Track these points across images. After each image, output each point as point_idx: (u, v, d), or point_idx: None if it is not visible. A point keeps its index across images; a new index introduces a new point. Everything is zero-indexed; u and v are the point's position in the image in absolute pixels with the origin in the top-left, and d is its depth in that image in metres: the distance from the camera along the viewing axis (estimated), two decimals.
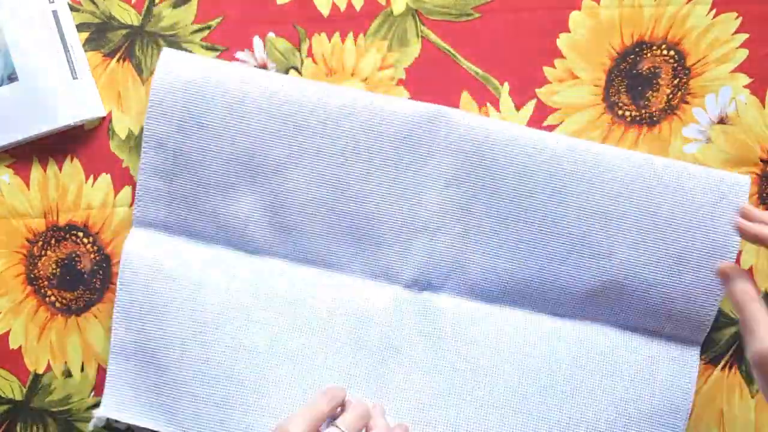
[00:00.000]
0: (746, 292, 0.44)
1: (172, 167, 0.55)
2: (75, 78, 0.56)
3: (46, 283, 0.58)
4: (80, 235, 0.58)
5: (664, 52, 0.55)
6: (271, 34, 0.57)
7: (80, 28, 0.57)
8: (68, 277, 0.58)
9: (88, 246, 0.58)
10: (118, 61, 0.57)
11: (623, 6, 0.55)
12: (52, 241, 0.58)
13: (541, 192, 0.54)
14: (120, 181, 0.58)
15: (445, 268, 0.56)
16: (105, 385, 0.56)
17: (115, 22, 0.57)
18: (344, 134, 0.54)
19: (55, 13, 0.56)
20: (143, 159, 0.55)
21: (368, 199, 0.55)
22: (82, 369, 0.58)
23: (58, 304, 0.58)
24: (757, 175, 0.55)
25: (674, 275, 0.54)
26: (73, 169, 0.58)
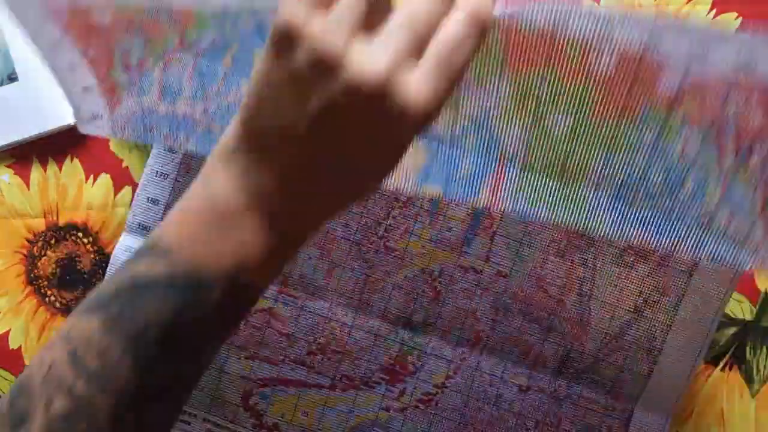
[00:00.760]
0: None
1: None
2: None
3: (45, 283, 0.58)
4: (80, 235, 0.58)
5: None
6: None
7: None
8: (68, 277, 0.58)
9: (88, 246, 0.58)
10: None
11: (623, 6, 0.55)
12: (52, 241, 0.58)
13: None
14: (120, 181, 0.58)
15: None
16: None
17: None
18: None
19: None
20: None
21: None
22: None
23: (58, 304, 0.58)
24: None
25: None
26: (73, 169, 0.58)
